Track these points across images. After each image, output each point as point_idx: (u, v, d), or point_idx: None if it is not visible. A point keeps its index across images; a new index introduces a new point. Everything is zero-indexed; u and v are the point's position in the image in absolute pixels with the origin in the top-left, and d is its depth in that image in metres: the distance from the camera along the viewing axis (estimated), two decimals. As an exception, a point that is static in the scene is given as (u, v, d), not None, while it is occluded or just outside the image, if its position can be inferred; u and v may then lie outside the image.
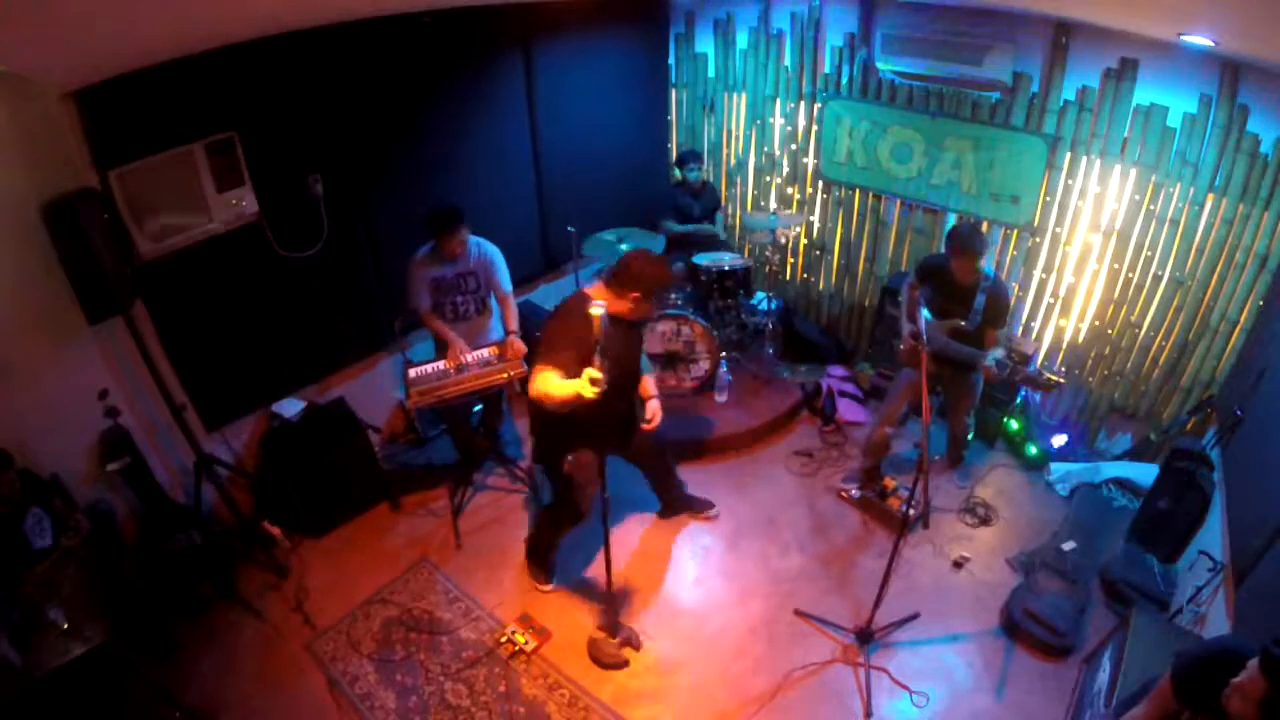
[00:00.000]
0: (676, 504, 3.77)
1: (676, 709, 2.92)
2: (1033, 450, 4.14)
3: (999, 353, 3.28)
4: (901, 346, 3.55)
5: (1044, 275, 4.20)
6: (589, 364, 2.36)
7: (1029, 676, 2.99)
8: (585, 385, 2.35)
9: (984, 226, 4.10)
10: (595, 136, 4.81)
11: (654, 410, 3.09)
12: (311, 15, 3.12)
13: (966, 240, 3.20)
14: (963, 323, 3.32)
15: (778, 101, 4.87)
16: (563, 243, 4.54)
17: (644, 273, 2.66)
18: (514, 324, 3.65)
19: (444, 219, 3.38)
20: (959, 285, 3.31)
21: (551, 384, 2.52)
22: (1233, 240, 3.46)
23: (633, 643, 3.11)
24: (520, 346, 3.56)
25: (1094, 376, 4.20)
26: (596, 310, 2.27)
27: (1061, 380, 3.19)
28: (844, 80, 4.48)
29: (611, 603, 3.03)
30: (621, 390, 2.83)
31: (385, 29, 3.46)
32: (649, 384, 3.13)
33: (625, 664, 3.07)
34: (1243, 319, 3.52)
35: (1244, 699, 1.45)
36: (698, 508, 3.82)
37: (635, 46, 4.92)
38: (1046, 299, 4.25)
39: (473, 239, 3.58)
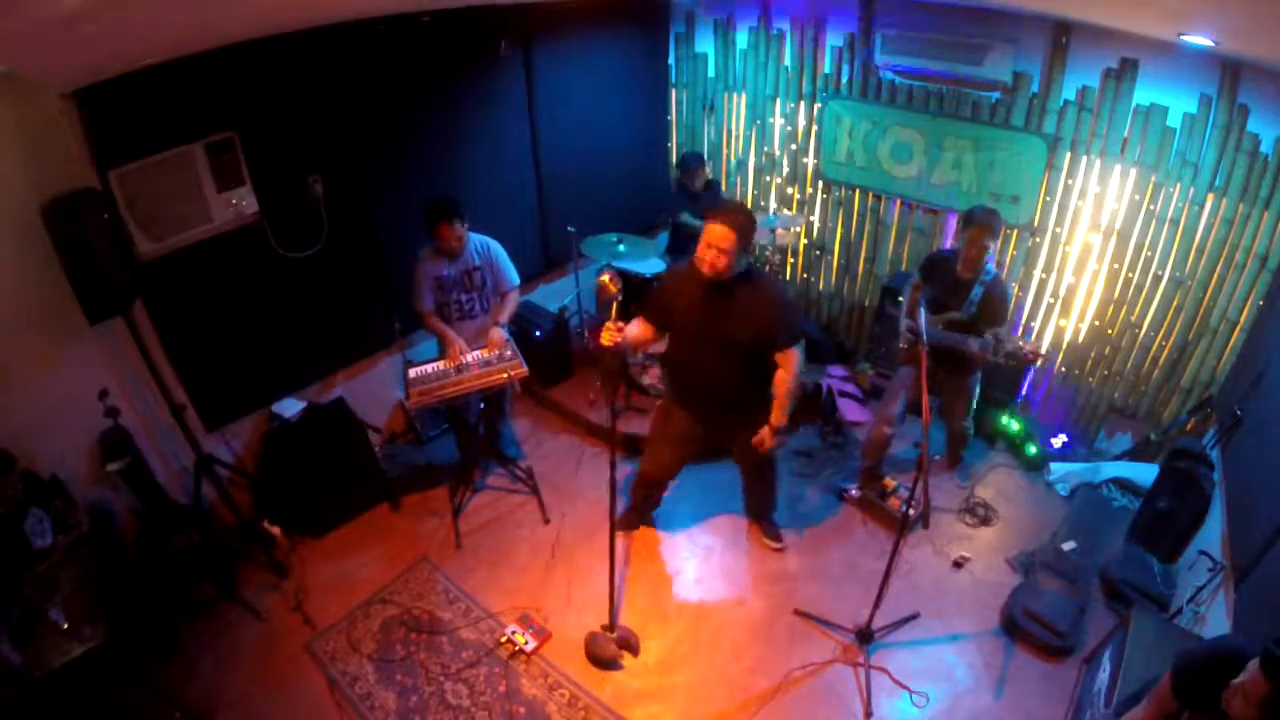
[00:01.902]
0: (757, 519, 3.75)
1: (676, 709, 2.92)
2: (1033, 450, 4.14)
3: (987, 339, 3.26)
4: (900, 344, 3.55)
5: (1044, 275, 4.20)
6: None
7: (1029, 676, 2.99)
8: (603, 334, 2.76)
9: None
10: (595, 137, 4.81)
11: (761, 436, 3.02)
12: (312, 16, 3.12)
13: (980, 215, 3.22)
14: (956, 313, 3.32)
15: (778, 101, 4.87)
16: (563, 243, 4.54)
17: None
18: (503, 316, 3.66)
19: (436, 209, 3.35)
20: (959, 279, 3.32)
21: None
22: (1233, 240, 3.47)
23: (630, 646, 3.09)
24: (498, 337, 3.57)
25: (1094, 376, 4.20)
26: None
27: (1041, 352, 3.20)
28: (844, 80, 4.48)
29: (613, 600, 3.03)
30: (697, 357, 2.95)
31: (385, 29, 3.46)
32: (777, 413, 2.97)
33: (619, 664, 3.06)
34: (1243, 319, 3.52)
35: (1245, 700, 1.45)
36: (768, 533, 3.70)
37: (635, 46, 4.92)
38: (1046, 299, 4.24)
39: (478, 237, 3.58)
